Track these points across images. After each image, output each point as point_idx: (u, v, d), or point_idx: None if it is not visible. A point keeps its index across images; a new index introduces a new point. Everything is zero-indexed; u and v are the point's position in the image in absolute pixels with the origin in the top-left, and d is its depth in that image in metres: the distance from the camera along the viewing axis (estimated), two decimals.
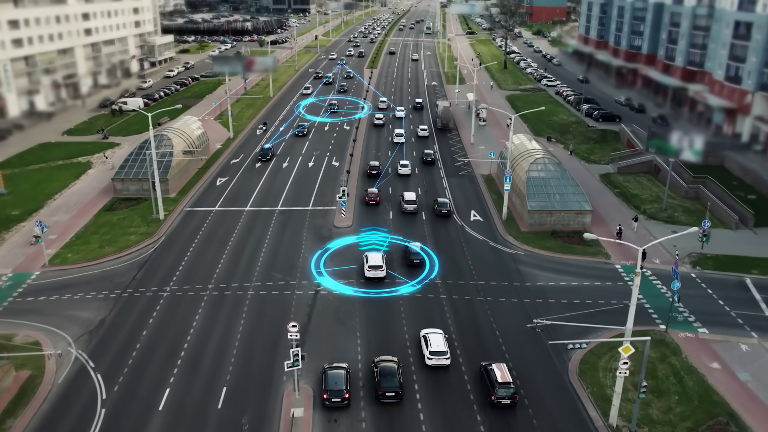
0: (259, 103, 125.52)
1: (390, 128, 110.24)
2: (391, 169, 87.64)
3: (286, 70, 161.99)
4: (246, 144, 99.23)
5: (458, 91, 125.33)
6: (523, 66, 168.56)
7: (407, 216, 71.74)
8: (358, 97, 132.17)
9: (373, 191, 75.48)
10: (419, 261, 59.56)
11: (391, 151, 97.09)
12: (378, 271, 56.38)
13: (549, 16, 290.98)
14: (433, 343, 45.46)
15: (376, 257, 57.48)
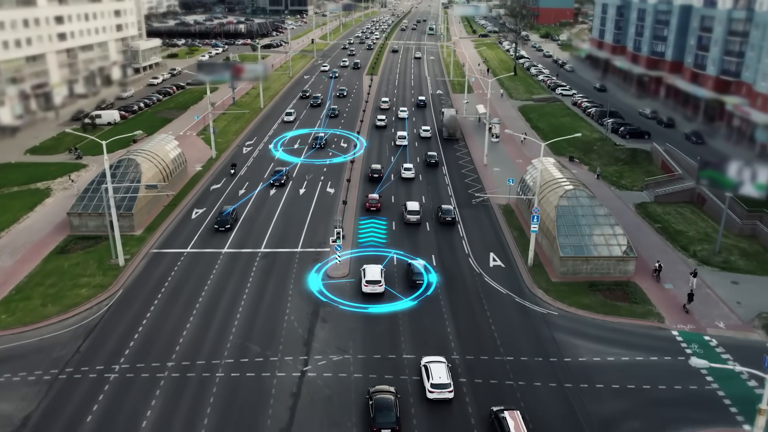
0: (247, 115, 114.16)
1: (392, 130, 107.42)
2: (393, 173, 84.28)
3: (280, 77, 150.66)
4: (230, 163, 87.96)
5: (467, 102, 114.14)
6: (534, 72, 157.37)
7: (410, 227, 67.65)
8: (353, 122, 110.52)
9: (374, 197, 72.30)
10: (422, 282, 55.11)
11: (394, 154, 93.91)
12: (376, 287, 52.95)
13: (556, 18, 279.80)
14: (435, 374, 40.96)
15: (374, 271, 54.02)
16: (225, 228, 65.15)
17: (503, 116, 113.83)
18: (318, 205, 73.19)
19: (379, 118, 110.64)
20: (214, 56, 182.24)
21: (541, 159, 72.18)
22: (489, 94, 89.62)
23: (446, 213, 68.46)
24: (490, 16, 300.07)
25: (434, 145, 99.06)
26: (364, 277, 53.77)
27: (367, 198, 72.96)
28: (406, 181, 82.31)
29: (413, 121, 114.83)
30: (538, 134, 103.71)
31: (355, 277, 56.23)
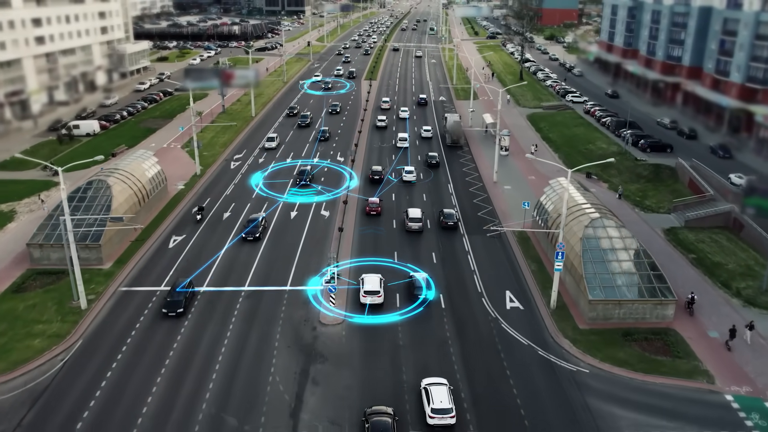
0: (237, 125, 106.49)
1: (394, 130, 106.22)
2: (394, 174, 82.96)
3: (273, 83, 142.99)
4: (216, 182, 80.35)
5: (472, 110, 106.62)
6: (541, 77, 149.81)
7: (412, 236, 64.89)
8: (346, 147, 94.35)
9: (374, 201, 70.58)
10: (424, 298, 52.16)
11: (395, 156, 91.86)
12: (375, 297, 50.84)
13: (560, 19, 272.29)
14: (436, 398, 38.67)
15: (373, 281, 51.85)
16: (177, 313, 49.53)
17: (511, 125, 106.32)
18: (310, 233, 65.64)
19: (379, 119, 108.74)
20: (205, 59, 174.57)
21: (561, 180, 64.88)
22: (499, 105, 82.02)
23: (448, 217, 66.47)
24: (491, 17, 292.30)
25: (438, 154, 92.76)
26: (362, 287, 51.40)
27: (367, 202, 70.89)
28: (408, 184, 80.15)
29: (414, 119, 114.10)
30: (550, 146, 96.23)
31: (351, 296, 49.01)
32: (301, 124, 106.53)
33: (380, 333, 47.90)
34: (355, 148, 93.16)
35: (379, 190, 76.88)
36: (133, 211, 64.54)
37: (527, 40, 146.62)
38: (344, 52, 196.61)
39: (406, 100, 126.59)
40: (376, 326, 48.75)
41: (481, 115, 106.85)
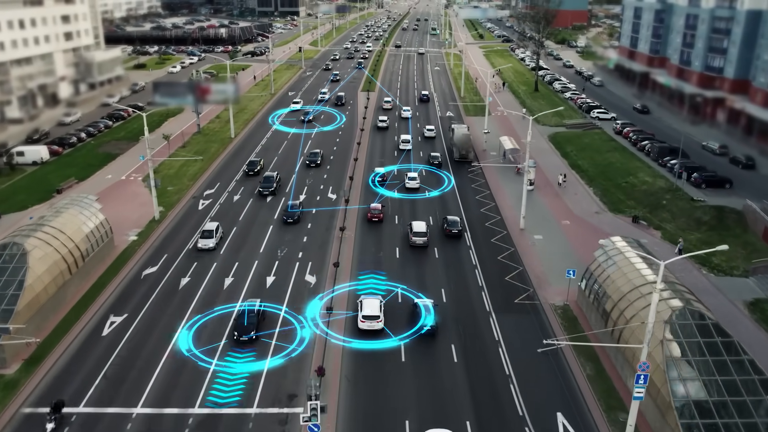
0: (212, 150, 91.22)
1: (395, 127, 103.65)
2: (397, 180, 79.25)
3: (260, 96, 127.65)
4: (178, 229, 65.19)
5: (487, 132, 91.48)
6: (558, 88, 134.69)
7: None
8: (322, 256, 58.26)
9: (376, 207, 67.99)
10: (431, 329, 46.71)
11: (398, 159, 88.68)
12: (374, 323, 46.90)
13: (570, 21, 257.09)
14: None
15: (372, 305, 47.86)
16: None
17: (531, 149, 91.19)
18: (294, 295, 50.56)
19: (380, 119, 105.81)
20: (187, 66, 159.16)
21: (617, 242, 50.05)
22: (529, 136, 66.53)
23: (452, 225, 63.90)
24: (495, 18, 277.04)
25: (440, 154, 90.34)
26: (360, 311, 47.45)
27: (369, 208, 68.25)
28: (411, 190, 76.15)
29: (416, 116, 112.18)
30: (581, 177, 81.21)
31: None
32: (262, 192, 73.61)
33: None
34: (342, 232, 64.87)
35: (380, 196, 73.38)
36: (59, 282, 49.38)
37: (542, 47, 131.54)
38: (332, 64, 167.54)
39: (408, 101, 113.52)
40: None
41: (498, 138, 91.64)
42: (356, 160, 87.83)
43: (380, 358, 44.27)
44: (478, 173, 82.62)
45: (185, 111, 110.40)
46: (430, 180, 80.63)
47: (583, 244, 60.64)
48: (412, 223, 62.73)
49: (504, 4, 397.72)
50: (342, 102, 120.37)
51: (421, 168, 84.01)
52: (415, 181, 76.54)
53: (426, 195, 75.30)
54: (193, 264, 57.56)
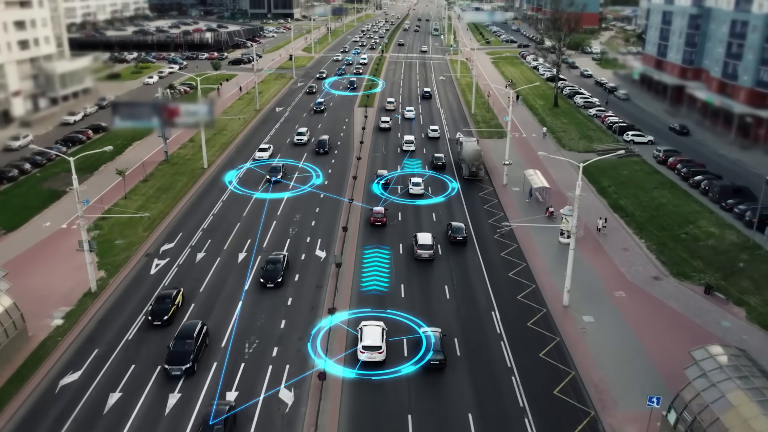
0: (178, 185, 76.08)
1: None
2: (400, 187, 76.03)
3: (242, 111, 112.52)
4: (120, 306, 50.18)
5: (508, 163, 76.46)
6: (580, 103, 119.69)
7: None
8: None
9: (379, 211, 65.43)
10: (438, 362, 41.54)
11: (400, 160, 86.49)
12: (375, 354, 41.71)
13: (580, 24, 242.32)
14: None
15: (374, 333, 42.51)
16: None
17: (560, 182, 76.53)
18: None
19: (382, 120, 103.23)
20: (166, 76, 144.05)
21: (716, 354, 35.47)
22: (578, 190, 51.14)
23: (457, 231, 61.21)
24: (500, 21, 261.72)
25: (444, 155, 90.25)
26: (360, 341, 42.46)
27: (371, 212, 65.65)
28: (415, 196, 72.79)
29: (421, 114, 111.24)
30: (626, 222, 66.33)
31: None
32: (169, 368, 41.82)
33: None
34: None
35: (384, 200, 70.81)
36: None
37: (562, 55, 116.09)
38: (317, 86, 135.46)
39: (411, 100, 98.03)
40: None
41: (523, 171, 76.62)
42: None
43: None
44: (502, 220, 67.64)
45: (149, 137, 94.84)
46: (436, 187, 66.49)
47: (651, 333, 45.96)
48: (417, 235, 58.90)
49: (507, 5, 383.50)
50: (325, 148, 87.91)
51: (427, 174, 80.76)
52: (419, 186, 72.95)
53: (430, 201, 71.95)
54: (131, 366, 42.55)
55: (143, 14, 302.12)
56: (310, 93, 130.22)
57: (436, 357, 41.89)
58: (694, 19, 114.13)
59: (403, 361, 43.23)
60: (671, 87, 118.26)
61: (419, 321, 47.99)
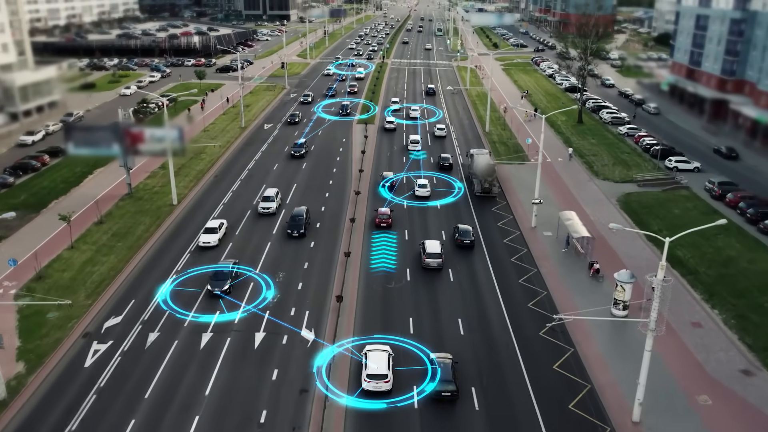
0: (138, 230, 62.84)
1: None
2: (406, 186, 73.66)
3: (224, 132, 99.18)
4: (39, 418, 37.18)
5: (539, 202, 63.23)
6: (606, 118, 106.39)
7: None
8: None
9: (384, 212, 63.20)
10: (450, 393, 38.33)
11: (406, 161, 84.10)
12: (381, 383, 38.77)
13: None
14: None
15: (379, 360, 39.69)
16: None
17: (595, 217, 63.54)
18: None
19: (388, 120, 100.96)
20: (146, 86, 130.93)
21: None
22: (661, 273, 38.55)
23: (464, 234, 58.67)
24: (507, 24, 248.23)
25: (451, 155, 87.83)
26: (365, 369, 39.38)
27: (376, 213, 63.60)
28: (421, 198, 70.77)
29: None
30: (691, 282, 53.27)
31: None
32: None
33: None
34: None
35: (388, 202, 69.08)
36: None
37: (588, 65, 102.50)
38: (300, 114, 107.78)
39: (415, 98, 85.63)
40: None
41: (558, 213, 63.45)
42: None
43: None
44: (535, 278, 54.60)
45: (109, 167, 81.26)
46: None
47: None
48: (425, 243, 56.19)
49: (512, 5, 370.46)
50: (300, 229, 60.47)
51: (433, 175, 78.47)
52: (425, 188, 71.14)
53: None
54: None
55: (133, 16, 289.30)
56: (291, 123, 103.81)
57: (447, 388, 38.58)
58: (737, 25, 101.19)
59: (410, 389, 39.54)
60: (709, 101, 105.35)
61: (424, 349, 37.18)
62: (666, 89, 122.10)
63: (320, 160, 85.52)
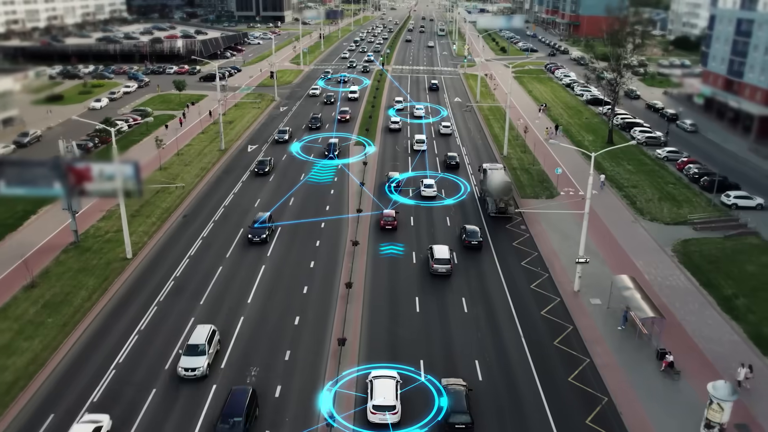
0: (79, 296, 49.74)
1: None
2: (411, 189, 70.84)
3: (200, 157, 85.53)
4: None
5: (584, 261, 50.14)
6: (640, 138, 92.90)
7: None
8: None
9: (389, 214, 61.07)
10: (465, 426, 34.88)
11: (411, 161, 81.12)
12: (388, 414, 35.47)
13: (602, 29, 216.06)
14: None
15: (386, 389, 36.50)
16: None
17: (653, 277, 50.62)
18: None
19: (393, 121, 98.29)
20: (119, 98, 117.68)
21: None
22: None
23: (472, 235, 57.15)
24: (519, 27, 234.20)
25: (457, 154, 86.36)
26: (370, 399, 36.24)
27: (381, 215, 61.17)
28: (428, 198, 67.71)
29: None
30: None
31: None
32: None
33: None
34: None
35: (393, 203, 66.34)
36: None
37: (621, 77, 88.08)
38: (272, 158, 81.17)
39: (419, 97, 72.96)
40: None
41: (611, 278, 50.26)
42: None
43: None
44: (589, 374, 41.59)
45: (50, 211, 68.32)
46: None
47: None
48: (433, 248, 53.69)
49: (515, 6, 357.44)
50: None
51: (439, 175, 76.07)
52: (431, 188, 69.51)
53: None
54: None
55: (120, 17, 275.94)
56: (260, 173, 75.44)
57: (461, 419, 35.17)
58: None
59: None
60: (757, 118, 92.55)
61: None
62: (701, 102, 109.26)
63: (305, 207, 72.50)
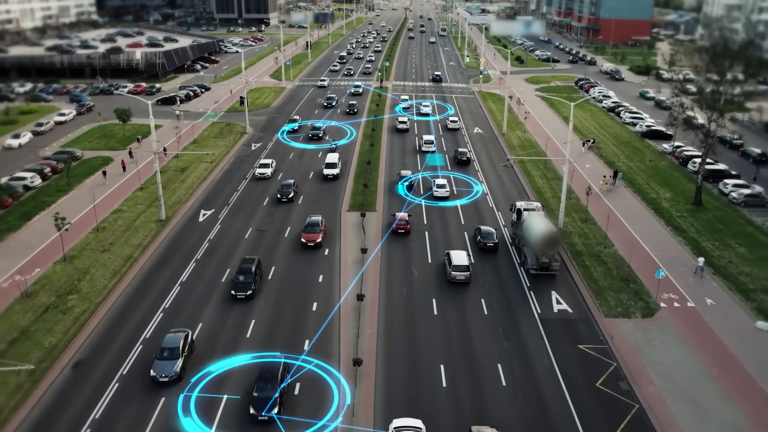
0: None
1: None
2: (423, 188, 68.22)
3: (128, 234, 60.52)
4: None
5: None
6: (734, 195, 68.39)
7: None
8: None
9: (402, 217, 58.69)
10: None
11: (421, 163, 77.93)
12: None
13: (626, 34, 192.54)
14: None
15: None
16: None
17: None
18: None
19: (400, 120, 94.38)
20: (48, 130, 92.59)
21: None
22: None
23: (487, 237, 55.13)
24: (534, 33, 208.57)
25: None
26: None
27: (393, 217, 59.17)
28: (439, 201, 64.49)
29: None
30: None
31: None
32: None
33: None
34: None
35: (406, 205, 63.55)
36: None
37: (720, 118, 62.64)
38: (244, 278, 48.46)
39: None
40: None
41: None
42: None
43: None
44: None
45: None
46: None
47: None
48: (451, 254, 50.49)
49: (518, 7, 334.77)
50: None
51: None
52: (444, 188, 67.09)
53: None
54: None
55: (89, 20, 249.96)
56: (238, 290, 47.09)
57: None
58: None
59: None
60: None
61: None
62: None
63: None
